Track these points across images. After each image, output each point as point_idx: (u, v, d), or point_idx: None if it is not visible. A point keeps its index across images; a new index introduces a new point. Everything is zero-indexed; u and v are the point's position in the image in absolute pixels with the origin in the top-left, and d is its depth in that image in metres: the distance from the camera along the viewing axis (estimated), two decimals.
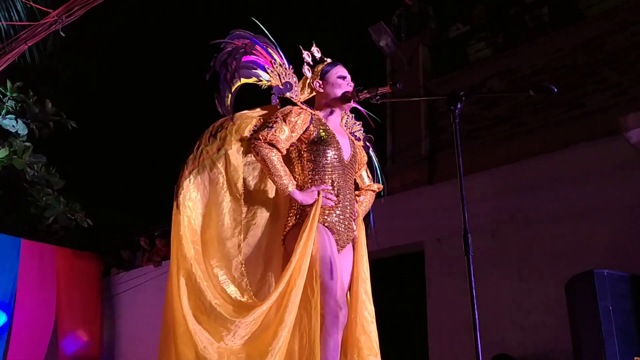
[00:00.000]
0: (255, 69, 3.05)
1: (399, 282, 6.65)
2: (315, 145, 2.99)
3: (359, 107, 3.43)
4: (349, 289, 3.04)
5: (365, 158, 3.33)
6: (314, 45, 3.22)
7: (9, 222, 8.93)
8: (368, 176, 3.36)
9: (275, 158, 2.89)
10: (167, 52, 10.68)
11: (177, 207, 2.96)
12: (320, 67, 3.16)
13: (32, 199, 8.57)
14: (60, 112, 8.57)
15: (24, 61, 7.76)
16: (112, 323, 9.32)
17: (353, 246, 3.09)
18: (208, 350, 2.68)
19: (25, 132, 8.32)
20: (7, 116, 8.15)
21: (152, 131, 10.85)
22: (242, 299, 2.89)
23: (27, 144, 8.33)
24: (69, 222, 8.71)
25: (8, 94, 8.13)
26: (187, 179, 3.00)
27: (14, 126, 8.19)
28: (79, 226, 8.89)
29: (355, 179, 3.30)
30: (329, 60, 3.21)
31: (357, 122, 3.41)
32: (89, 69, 10.27)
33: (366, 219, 3.46)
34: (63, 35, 5.22)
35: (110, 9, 6.93)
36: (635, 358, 3.87)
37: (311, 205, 2.89)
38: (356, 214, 3.10)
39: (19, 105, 8.22)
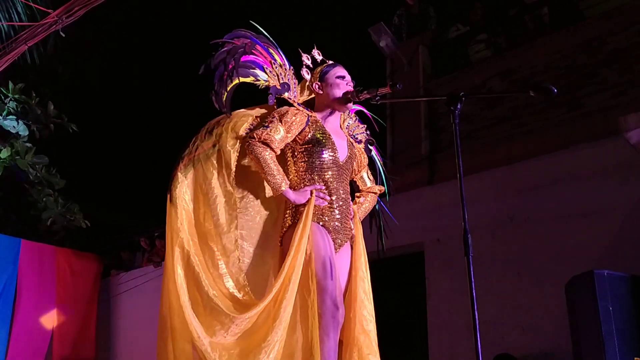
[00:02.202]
0: (254, 68, 3.06)
1: (398, 283, 6.64)
2: (310, 146, 3.00)
3: (364, 110, 3.43)
4: (347, 288, 3.04)
5: (366, 160, 3.33)
6: (315, 48, 3.21)
7: (9, 223, 8.92)
8: (369, 178, 3.36)
9: (268, 157, 2.90)
10: (167, 52, 10.67)
11: (171, 200, 2.97)
12: (319, 68, 3.16)
13: (32, 200, 8.57)
14: (61, 115, 8.56)
15: (24, 62, 7.76)
16: (112, 324, 9.30)
17: (351, 245, 3.09)
18: (202, 342, 2.70)
19: (26, 133, 8.31)
20: (8, 117, 8.15)
21: (152, 132, 10.84)
22: (239, 295, 2.90)
23: (29, 145, 8.33)
24: (68, 224, 8.69)
25: (10, 95, 8.12)
26: (181, 173, 3.02)
27: (14, 127, 8.18)
28: (78, 227, 8.89)
29: (355, 181, 3.31)
30: (330, 62, 3.20)
31: (361, 125, 3.40)
32: (89, 70, 10.27)
33: (379, 223, 3.49)
34: (63, 35, 5.22)
35: (110, 9, 6.93)
36: (635, 359, 3.87)
37: (305, 204, 2.89)
38: (353, 213, 3.11)
39: (21, 106, 8.21)
